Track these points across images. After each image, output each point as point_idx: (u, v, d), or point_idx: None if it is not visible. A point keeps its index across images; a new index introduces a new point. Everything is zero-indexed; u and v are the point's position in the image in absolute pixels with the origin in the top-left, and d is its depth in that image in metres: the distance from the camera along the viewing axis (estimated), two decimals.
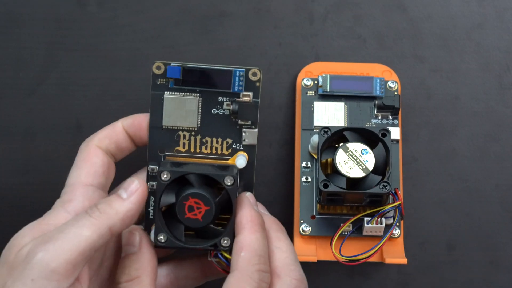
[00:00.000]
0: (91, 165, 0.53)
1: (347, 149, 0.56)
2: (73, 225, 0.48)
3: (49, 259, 0.47)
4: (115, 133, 0.54)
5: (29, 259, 0.47)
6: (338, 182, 0.55)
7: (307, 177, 0.59)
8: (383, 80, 0.60)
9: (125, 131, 0.55)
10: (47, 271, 0.47)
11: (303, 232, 0.58)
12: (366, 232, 0.57)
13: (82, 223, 0.48)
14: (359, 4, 0.63)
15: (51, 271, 0.47)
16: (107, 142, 0.54)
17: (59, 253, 0.47)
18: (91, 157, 0.54)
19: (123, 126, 0.55)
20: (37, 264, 0.47)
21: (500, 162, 0.62)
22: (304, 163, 0.59)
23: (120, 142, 0.55)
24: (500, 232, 0.62)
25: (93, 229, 0.48)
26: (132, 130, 0.55)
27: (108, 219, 0.49)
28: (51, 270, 0.47)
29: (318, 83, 0.60)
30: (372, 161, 0.55)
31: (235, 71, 0.54)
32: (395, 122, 0.60)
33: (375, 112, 0.60)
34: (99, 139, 0.54)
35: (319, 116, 0.60)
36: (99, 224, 0.48)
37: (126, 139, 0.55)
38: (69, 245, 0.47)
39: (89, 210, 0.49)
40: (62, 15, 0.63)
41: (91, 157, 0.54)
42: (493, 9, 0.63)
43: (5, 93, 0.62)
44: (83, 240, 0.48)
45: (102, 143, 0.54)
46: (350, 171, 0.55)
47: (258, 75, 0.54)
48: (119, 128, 0.55)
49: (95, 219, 0.49)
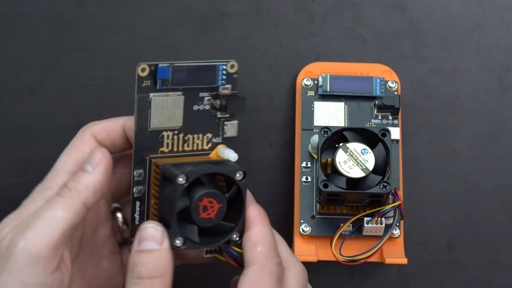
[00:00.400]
0: (81, 154, 0.53)
1: (347, 149, 0.56)
2: (48, 208, 0.49)
3: (31, 246, 0.47)
4: (114, 130, 0.54)
5: (11, 249, 0.47)
6: (338, 182, 0.55)
7: (307, 177, 0.59)
8: (383, 80, 0.60)
9: (124, 130, 0.55)
10: (30, 258, 0.47)
11: (303, 232, 0.58)
12: (366, 232, 0.57)
13: (55, 205, 0.49)
14: (359, 4, 0.63)
15: (34, 257, 0.47)
16: (103, 135, 0.54)
17: (39, 239, 0.48)
18: (83, 145, 0.53)
19: (124, 125, 0.55)
20: (19, 253, 0.47)
21: (500, 162, 0.62)
22: (304, 163, 0.59)
23: (116, 139, 0.54)
24: (500, 232, 0.62)
25: (67, 209, 0.49)
26: (131, 133, 0.55)
27: (79, 196, 0.49)
28: (35, 257, 0.47)
29: (318, 83, 0.60)
30: (372, 161, 0.55)
31: (219, 65, 0.53)
32: (395, 122, 0.60)
33: (375, 112, 0.60)
34: (97, 130, 0.54)
35: (319, 116, 0.60)
36: (72, 202, 0.49)
37: (123, 138, 0.54)
38: (48, 228, 0.48)
39: (60, 191, 0.49)
40: (62, 15, 0.63)
41: (83, 145, 0.53)
42: (493, 9, 0.63)
43: (5, 93, 0.62)
44: (60, 221, 0.48)
45: (99, 135, 0.54)
46: (350, 171, 0.55)
47: (236, 67, 0.53)
48: (119, 126, 0.54)
49: (67, 199, 0.49)
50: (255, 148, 0.62)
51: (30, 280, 0.47)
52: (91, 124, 0.54)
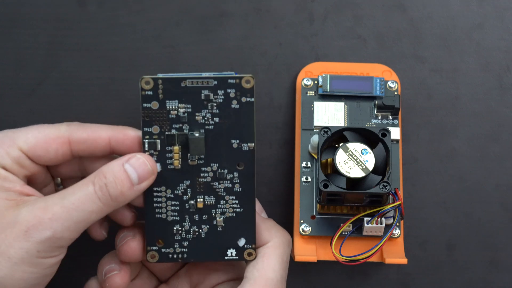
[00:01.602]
0: (42, 147, 0.52)
1: (347, 149, 0.56)
2: (81, 202, 0.49)
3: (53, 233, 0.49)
4: (95, 144, 0.53)
5: (33, 230, 0.48)
6: (338, 182, 0.55)
7: (307, 177, 0.59)
8: (383, 80, 0.60)
9: (109, 143, 0.53)
10: (51, 241, 0.49)
11: (303, 232, 0.58)
12: (366, 232, 0.57)
13: (89, 199, 0.49)
14: (359, 4, 0.63)
15: (55, 242, 0.49)
16: (82, 147, 0.53)
17: (65, 230, 0.49)
18: (51, 141, 0.52)
19: (109, 139, 0.53)
20: (40, 238, 0.48)
21: (500, 162, 0.62)
22: (304, 163, 0.59)
23: (96, 150, 0.53)
24: (500, 232, 0.62)
25: (97, 211, 0.50)
26: (121, 146, 0.53)
27: (114, 205, 0.50)
28: (54, 241, 0.49)
29: (318, 83, 0.60)
30: (372, 161, 0.55)
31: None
32: (395, 122, 0.60)
33: (375, 112, 0.60)
34: (77, 140, 0.53)
35: (319, 116, 0.60)
36: (105, 210, 0.50)
37: (104, 149, 0.53)
38: (74, 221, 0.49)
39: (99, 191, 0.50)
40: (62, 15, 0.63)
41: (51, 141, 0.52)
42: (493, 9, 0.63)
43: (5, 93, 0.62)
44: (88, 217, 0.50)
45: (76, 145, 0.53)
46: (350, 171, 0.55)
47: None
48: (103, 141, 0.53)
49: (103, 205, 0.50)
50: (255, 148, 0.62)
51: (40, 255, 0.49)
52: (74, 128, 0.53)
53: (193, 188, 0.53)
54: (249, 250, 0.54)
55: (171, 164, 0.53)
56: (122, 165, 0.50)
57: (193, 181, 0.53)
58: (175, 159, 0.53)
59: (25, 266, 0.48)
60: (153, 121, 0.52)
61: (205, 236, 0.54)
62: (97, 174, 0.50)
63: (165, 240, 0.54)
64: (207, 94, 0.52)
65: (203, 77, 0.52)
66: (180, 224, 0.54)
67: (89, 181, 0.50)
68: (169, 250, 0.54)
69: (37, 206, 0.49)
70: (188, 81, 0.52)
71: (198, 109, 0.52)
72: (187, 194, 0.53)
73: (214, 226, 0.54)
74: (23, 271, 0.48)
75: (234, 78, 0.52)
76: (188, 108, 0.52)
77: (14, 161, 0.51)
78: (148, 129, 0.52)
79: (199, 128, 0.53)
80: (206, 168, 0.53)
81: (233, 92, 0.52)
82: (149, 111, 0.52)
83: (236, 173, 0.53)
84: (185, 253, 0.54)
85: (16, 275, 0.48)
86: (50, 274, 0.50)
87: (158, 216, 0.53)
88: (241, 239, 0.54)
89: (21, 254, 0.48)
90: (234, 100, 0.53)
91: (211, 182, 0.53)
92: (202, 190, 0.53)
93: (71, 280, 0.61)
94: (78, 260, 0.60)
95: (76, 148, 0.53)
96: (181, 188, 0.53)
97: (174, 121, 0.52)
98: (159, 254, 0.54)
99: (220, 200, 0.54)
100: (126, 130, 0.53)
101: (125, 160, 0.51)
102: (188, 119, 0.52)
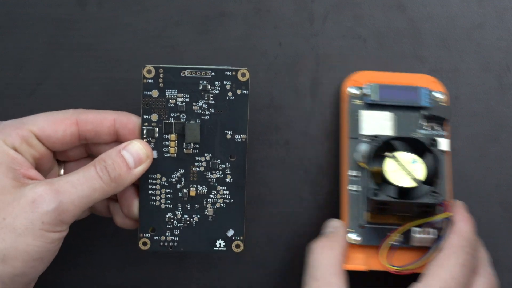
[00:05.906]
0: (52, 129, 0.55)
1: (397, 159, 0.55)
2: (85, 183, 0.52)
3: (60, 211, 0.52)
4: (101, 124, 0.56)
5: (40, 202, 0.51)
6: (387, 191, 0.55)
7: (355, 186, 0.58)
8: (429, 90, 0.60)
9: (114, 125, 0.56)
10: (54, 216, 0.51)
11: (354, 241, 0.57)
12: (414, 243, 0.57)
13: (93, 182, 0.53)
14: (359, 4, 0.63)
15: (58, 216, 0.51)
16: (89, 127, 0.56)
17: (70, 205, 0.52)
18: (59, 124, 0.55)
19: (115, 121, 0.56)
20: (46, 210, 0.51)
21: (500, 162, 0.62)
22: (353, 172, 0.58)
23: (102, 133, 0.56)
24: (500, 232, 0.62)
25: (100, 191, 0.53)
26: (125, 129, 0.56)
27: (116, 187, 0.54)
28: (58, 216, 0.51)
29: (363, 91, 0.60)
30: (422, 171, 0.55)
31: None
32: (442, 133, 0.59)
33: (422, 123, 0.59)
34: (85, 121, 0.55)
35: (366, 125, 0.59)
36: (108, 190, 0.53)
37: (109, 133, 0.56)
38: (79, 201, 0.52)
39: (101, 172, 0.53)
40: (62, 15, 0.63)
41: (59, 124, 0.55)
42: (493, 9, 0.63)
43: (5, 93, 0.62)
44: (91, 197, 0.53)
45: (84, 126, 0.55)
46: (400, 180, 0.55)
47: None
48: (108, 121, 0.56)
49: (105, 185, 0.53)
50: (255, 148, 0.62)
51: (44, 227, 0.50)
52: (80, 111, 0.56)
53: (186, 177, 0.56)
54: (237, 242, 0.56)
55: (167, 152, 0.56)
56: (119, 151, 0.54)
57: (187, 169, 0.56)
58: (171, 147, 0.56)
59: (29, 238, 0.50)
60: (153, 109, 0.56)
61: (196, 225, 0.56)
62: (97, 160, 0.53)
63: (157, 228, 0.56)
64: (205, 85, 0.56)
65: (202, 68, 0.56)
66: (172, 212, 0.56)
67: (91, 165, 0.53)
68: (160, 238, 0.56)
69: (44, 182, 0.52)
70: (187, 71, 0.56)
71: (195, 99, 0.56)
72: (180, 183, 0.56)
73: (205, 215, 0.56)
74: (27, 243, 0.50)
75: (231, 71, 0.56)
76: (186, 98, 0.56)
77: (24, 141, 0.54)
78: (147, 117, 0.56)
79: (196, 118, 0.56)
80: (200, 158, 0.56)
81: (229, 84, 0.56)
82: (149, 99, 0.56)
83: (228, 164, 0.56)
84: (176, 241, 0.56)
85: (20, 247, 0.50)
86: (53, 250, 0.51)
87: (152, 203, 0.56)
88: (230, 230, 0.56)
89: (26, 224, 0.50)
90: (229, 92, 0.56)
91: (204, 172, 0.56)
92: (195, 179, 0.56)
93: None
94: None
95: (83, 129, 0.55)
96: (176, 176, 0.56)
97: (173, 109, 0.56)
98: (151, 241, 0.56)
99: (212, 190, 0.56)
100: (129, 115, 0.56)
101: (122, 147, 0.54)
102: (185, 108, 0.56)
